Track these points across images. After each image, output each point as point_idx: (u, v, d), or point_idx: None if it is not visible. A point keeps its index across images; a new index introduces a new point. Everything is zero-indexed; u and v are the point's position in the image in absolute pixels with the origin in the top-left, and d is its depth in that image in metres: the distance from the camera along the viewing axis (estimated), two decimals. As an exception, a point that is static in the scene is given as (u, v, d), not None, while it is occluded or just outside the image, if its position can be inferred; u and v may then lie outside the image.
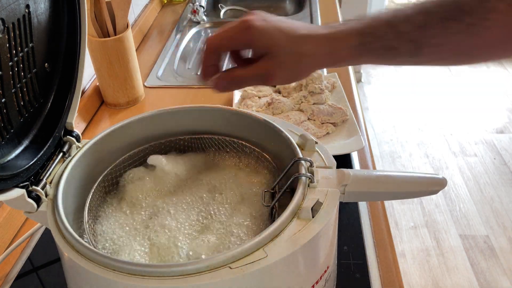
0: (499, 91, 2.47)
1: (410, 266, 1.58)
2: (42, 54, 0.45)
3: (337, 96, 0.87)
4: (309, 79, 0.83)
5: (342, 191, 0.43)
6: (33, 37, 0.42)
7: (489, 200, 1.82)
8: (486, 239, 1.66)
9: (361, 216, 0.65)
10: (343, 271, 0.57)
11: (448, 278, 1.53)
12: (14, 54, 0.39)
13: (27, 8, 0.40)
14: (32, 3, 0.41)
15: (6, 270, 0.60)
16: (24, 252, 0.63)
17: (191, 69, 1.13)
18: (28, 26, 0.41)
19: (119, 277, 0.34)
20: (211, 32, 1.32)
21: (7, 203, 0.39)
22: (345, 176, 0.43)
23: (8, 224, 0.65)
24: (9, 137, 0.41)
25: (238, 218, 0.45)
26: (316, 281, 0.41)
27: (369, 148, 0.80)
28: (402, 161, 2.03)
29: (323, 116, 0.80)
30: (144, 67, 1.11)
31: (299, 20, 1.31)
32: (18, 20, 0.39)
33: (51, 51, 0.46)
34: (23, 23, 0.40)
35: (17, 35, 0.39)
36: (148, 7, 1.37)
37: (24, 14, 0.40)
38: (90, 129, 0.90)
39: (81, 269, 0.36)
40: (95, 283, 0.36)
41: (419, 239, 1.67)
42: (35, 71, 0.44)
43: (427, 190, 0.45)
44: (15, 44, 0.39)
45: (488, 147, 2.09)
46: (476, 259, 1.59)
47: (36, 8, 0.42)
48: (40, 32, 0.43)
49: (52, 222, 0.40)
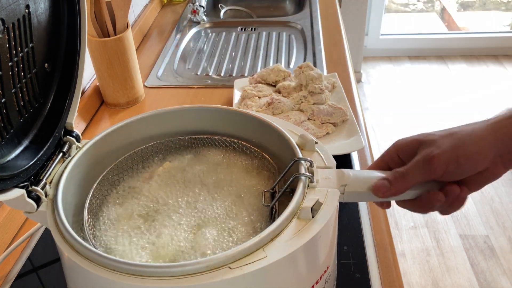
0: (499, 91, 2.47)
1: (410, 266, 1.58)
2: (42, 54, 0.45)
3: (337, 96, 0.87)
4: (309, 79, 0.83)
5: (342, 191, 0.43)
6: (33, 37, 0.42)
7: (489, 200, 1.82)
8: (486, 239, 1.66)
9: (361, 216, 0.65)
10: (343, 271, 0.57)
11: (448, 278, 1.53)
12: (14, 54, 0.39)
13: (27, 8, 0.40)
14: (32, 3, 0.41)
15: (6, 270, 0.60)
16: (24, 252, 0.63)
17: (191, 69, 1.13)
18: (28, 26, 0.41)
19: (119, 277, 0.34)
20: (211, 32, 1.32)
21: (7, 203, 0.39)
22: (345, 176, 0.43)
23: (8, 224, 0.65)
24: (9, 137, 0.41)
25: (238, 217, 0.45)
26: (316, 281, 0.41)
27: (369, 148, 0.80)
28: (402, 161, 2.03)
29: (323, 116, 0.80)
30: (144, 67, 1.11)
31: (299, 20, 1.31)
32: (18, 20, 0.39)
33: (51, 51, 0.46)
34: (23, 23, 0.40)
35: (17, 35, 0.39)
36: (148, 7, 1.37)
37: (24, 14, 0.40)
38: (90, 129, 0.90)
39: (81, 269, 0.36)
40: (95, 283, 0.36)
41: (419, 239, 1.67)
42: (35, 71, 0.44)
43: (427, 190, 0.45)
44: (15, 44, 0.39)
45: (488, 147, 2.09)
46: (476, 259, 1.59)
47: (36, 8, 0.42)
48: (40, 32, 0.44)
49: (52, 222, 0.40)
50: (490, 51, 2.81)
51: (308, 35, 1.22)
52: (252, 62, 1.15)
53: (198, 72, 1.11)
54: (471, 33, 2.87)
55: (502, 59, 2.77)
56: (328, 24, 1.29)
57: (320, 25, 1.27)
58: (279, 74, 0.92)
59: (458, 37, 2.84)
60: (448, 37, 2.84)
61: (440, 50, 2.84)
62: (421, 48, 2.84)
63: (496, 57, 2.78)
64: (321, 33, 1.22)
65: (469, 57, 2.81)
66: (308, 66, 0.85)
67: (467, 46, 2.82)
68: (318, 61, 1.09)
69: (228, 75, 1.09)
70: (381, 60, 2.82)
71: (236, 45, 1.24)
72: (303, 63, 0.86)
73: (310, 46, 1.17)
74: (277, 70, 0.92)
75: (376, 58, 2.84)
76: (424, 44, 2.83)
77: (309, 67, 0.85)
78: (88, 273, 0.36)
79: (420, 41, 2.83)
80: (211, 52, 1.20)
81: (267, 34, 1.28)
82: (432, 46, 2.83)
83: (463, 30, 3.06)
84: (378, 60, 2.83)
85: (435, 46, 2.82)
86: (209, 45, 1.25)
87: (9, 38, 0.38)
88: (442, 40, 2.83)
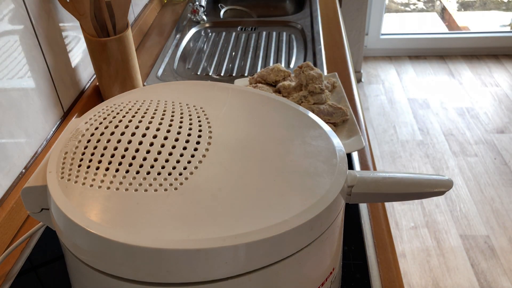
0: (499, 91, 2.47)
1: (410, 266, 1.58)
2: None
3: (337, 96, 0.87)
4: (309, 78, 0.83)
5: (348, 192, 0.42)
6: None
7: (490, 200, 1.82)
8: (487, 239, 1.66)
9: (361, 216, 0.65)
10: (344, 271, 0.56)
11: (449, 278, 1.53)
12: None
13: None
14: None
15: (6, 270, 0.60)
16: (24, 252, 0.63)
17: (191, 68, 1.13)
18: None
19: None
20: (211, 32, 1.32)
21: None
22: (351, 178, 0.43)
23: (8, 224, 0.65)
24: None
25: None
26: (321, 283, 0.41)
27: (369, 148, 0.80)
28: (402, 161, 2.03)
29: (323, 116, 0.80)
30: (144, 67, 1.11)
31: (299, 19, 1.31)
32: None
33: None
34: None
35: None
36: (148, 7, 1.37)
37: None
38: (90, 129, 0.90)
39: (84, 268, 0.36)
40: (99, 282, 0.36)
41: (419, 239, 1.67)
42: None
43: (433, 191, 0.45)
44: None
45: (488, 147, 2.09)
46: (477, 259, 1.59)
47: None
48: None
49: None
50: (490, 50, 2.81)
51: (308, 35, 1.22)
52: (252, 62, 1.14)
53: (198, 72, 1.11)
54: (472, 32, 2.87)
55: (502, 58, 2.77)
56: (328, 24, 1.29)
57: (320, 25, 1.26)
58: (279, 74, 0.91)
59: (458, 37, 2.84)
60: (448, 37, 2.84)
61: (440, 50, 2.84)
62: (422, 48, 2.84)
63: (496, 57, 2.78)
64: (321, 33, 1.22)
65: (469, 56, 2.81)
66: (308, 66, 0.85)
67: (468, 45, 2.82)
68: (318, 61, 1.09)
69: (228, 75, 1.09)
70: (382, 60, 2.82)
71: (236, 45, 1.24)
72: (303, 63, 0.85)
73: (310, 46, 1.16)
74: (277, 70, 0.92)
75: (377, 58, 2.84)
76: (424, 44, 2.83)
77: (309, 67, 0.84)
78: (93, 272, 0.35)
79: (420, 41, 2.83)
80: (211, 52, 1.20)
81: (267, 34, 1.28)
82: (432, 46, 2.83)
83: (463, 30, 3.06)
84: (378, 60, 2.83)
85: (435, 46, 2.83)
86: (209, 45, 1.24)
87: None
88: (443, 40, 2.83)
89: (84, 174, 0.38)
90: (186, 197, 0.35)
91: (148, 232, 0.33)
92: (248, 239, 0.33)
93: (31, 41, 0.76)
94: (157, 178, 0.37)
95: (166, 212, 0.34)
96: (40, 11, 0.79)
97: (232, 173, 0.38)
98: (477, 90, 2.49)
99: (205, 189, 0.36)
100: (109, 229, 0.33)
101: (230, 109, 0.46)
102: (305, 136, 0.43)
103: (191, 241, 0.32)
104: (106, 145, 0.40)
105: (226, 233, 0.33)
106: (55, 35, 0.84)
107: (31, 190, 0.41)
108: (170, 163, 0.38)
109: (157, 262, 0.32)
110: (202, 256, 0.32)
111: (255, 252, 0.33)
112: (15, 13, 0.71)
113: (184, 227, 0.33)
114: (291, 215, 0.34)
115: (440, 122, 2.26)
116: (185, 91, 0.49)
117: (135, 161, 0.38)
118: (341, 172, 0.39)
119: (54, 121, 0.83)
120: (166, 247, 0.32)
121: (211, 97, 0.48)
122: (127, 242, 0.32)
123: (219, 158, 0.39)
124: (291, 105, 0.48)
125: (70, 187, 0.37)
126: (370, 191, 0.43)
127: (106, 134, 0.41)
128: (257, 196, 0.36)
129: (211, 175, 0.37)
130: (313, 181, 0.38)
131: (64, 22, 0.88)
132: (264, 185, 0.37)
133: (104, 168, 0.38)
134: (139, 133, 0.41)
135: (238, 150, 0.40)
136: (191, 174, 0.37)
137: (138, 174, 0.37)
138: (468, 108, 2.35)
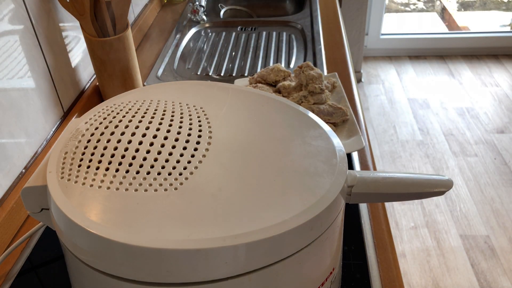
0: (499, 91, 2.47)
1: (410, 266, 1.58)
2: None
3: (337, 96, 0.87)
4: (309, 78, 0.83)
5: (348, 192, 0.42)
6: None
7: (490, 200, 1.82)
8: (487, 239, 1.66)
9: (361, 216, 0.65)
10: (343, 271, 0.56)
11: (449, 278, 1.53)
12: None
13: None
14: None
15: (6, 269, 0.60)
16: (24, 252, 0.63)
17: (191, 68, 1.13)
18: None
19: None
20: (211, 32, 1.32)
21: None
22: (351, 178, 0.43)
23: (8, 224, 0.65)
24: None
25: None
26: (321, 283, 0.41)
27: (369, 148, 0.80)
28: (402, 161, 2.03)
29: (323, 116, 0.80)
30: (144, 67, 1.11)
31: (299, 19, 1.31)
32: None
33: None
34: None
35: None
36: (148, 7, 1.37)
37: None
38: (90, 129, 0.90)
39: (84, 268, 0.36)
40: (99, 282, 0.36)
41: (419, 239, 1.67)
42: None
43: (433, 191, 0.45)
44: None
45: (488, 147, 2.09)
46: (477, 259, 1.59)
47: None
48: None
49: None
50: (490, 50, 2.81)
51: (308, 35, 1.22)
52: (252, 62, 1.14)
53: (198, 72, 1.11)
54: (472, 32, 2.87)
55: (502, 58, 2.77)
56: (328, 24, 1.29)
57: (320, 25, 1.26)
58: (279, 74, 0.91)
59: (458, 37, 2.84)
60: (448, 37, 2.84)
61: (440, 50, 2.84)
62: (422, 48, 2.84)
63: (496, 57, 2.78)
64: (321, 33, 1.22)
65: (469, 56, 2.81)
66: (308, 65, 0.85)
67: (468, 45, 2.82)
68: (318, 61, 1.09)
69: (228, 75, 1.09)
70: (382, 60, 2.82)
71: (236, 45, 1.24)
72: (303, 63, 0.85)
73: (310, 46, 1.16)
74: (277, 70, 0.92)
75: (377, 58, 2.84)
76: (424, 44, 2.83)
77: (309, 66, 0.84)
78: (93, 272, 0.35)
79: (420, 41, 2.83)
80: (211, 52, 1.20)
81: (267, 34, 1.28)
82: (432, 46, 2.83)
83: (463, 30, 3.06)
84: (378, 60, 2.83)
85: (435, 46, 2.83)
86: (209, 45, 1.24)
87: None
88: (443, 40, 2.83)
89: (84, 174, 0.38)
90: (186, 197, 0.35)
91: (148, 232, 0.33)
92: (248, 239, 0.33)
93: (31, 41, 0.76)
94: (157, 178, 0.37)
95: (166, 212, 0.34)
96: (40, 11, 0.79)
97: (232, 173, 0.38)
98: (477, 90, 2.49)
99: (205, 189, 0.36)
100: (109, 229, 0.33)
101: (230, 109, 0.46)
102: (305, 136, 0.43)
103: (191, 241, 0.32)
104: (106, 145, 0.40)
105: (226, 233, 0.33)
106: (55, 35, 0.84)
107: (31, 190, 0.41)
108: (170, 163, 0.38)
109: (157, 262, 0.32)
110: (202, 256, 0.32)
111: (255, 252, 0.33)
112: (15, 13, 0.71)
113: (184, 227, 0.33)
114: (291, 215, 0.34)
115: (440, 122, 2.26)
116: (185, 91, 0.49)
117: (135, 161, 0.38)
118: (341, 172, 0.39)
119: (54, 121, 0.83)
120: (166, 247, 0.32)
121: (211, 97, 0.48)
122: (127, 242, 0.32)
123: (219, 158, 0.39)
124: (291, 105, 0.48)
125: (70, 187, 0.37)
126: (370, 191, 0.43)
127: (106, 134, 0.41)
128: (257, 196, 0.36)
129: (211, 175, 0.37)
130: (313, 181, 0.38)
131: (64, 22, 0.88)
132: (264, 185, 0.37)
133: (104, 168, 0.38)
134: (139, 133, 0.41)
135: (238, 150, 0.40)
136: (191, 174, 0.37)
137: (138, 174, 0.37)
138: (468, 108, 2.35)
